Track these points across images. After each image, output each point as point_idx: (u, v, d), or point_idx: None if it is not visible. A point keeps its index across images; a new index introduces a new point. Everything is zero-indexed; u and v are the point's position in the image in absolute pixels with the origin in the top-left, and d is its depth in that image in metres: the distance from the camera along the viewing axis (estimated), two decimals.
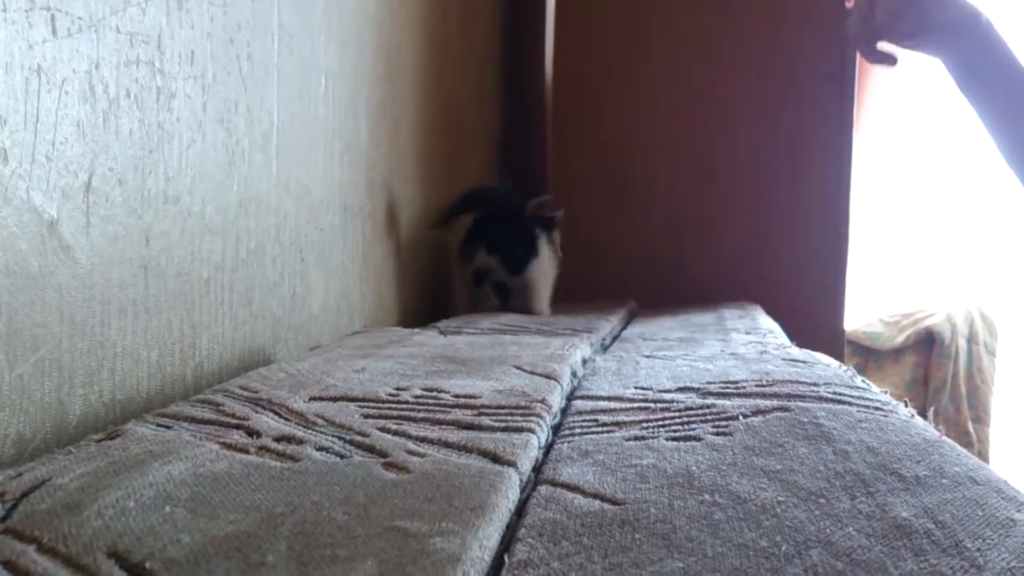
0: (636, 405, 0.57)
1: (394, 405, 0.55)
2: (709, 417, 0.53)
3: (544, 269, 1.29)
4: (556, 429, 0.54)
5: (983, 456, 2.67)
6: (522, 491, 0.41)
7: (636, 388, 0.63)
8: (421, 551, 0.31)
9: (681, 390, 0.62)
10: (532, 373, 0.67)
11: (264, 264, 0.80)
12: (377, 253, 1.12)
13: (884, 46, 0.99)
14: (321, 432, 0.48)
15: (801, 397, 0.57)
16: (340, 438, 0.47)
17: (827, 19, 1.74)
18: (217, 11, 0.70)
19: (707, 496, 0.38)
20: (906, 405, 0.57)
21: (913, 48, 0.98)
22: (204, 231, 0.69)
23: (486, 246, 1.24)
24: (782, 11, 1.76)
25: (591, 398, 0.61)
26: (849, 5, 1.01)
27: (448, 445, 0.46)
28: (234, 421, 0.50)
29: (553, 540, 0.34)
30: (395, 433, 0.48)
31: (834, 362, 0.74)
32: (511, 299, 1.26)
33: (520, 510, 0.38)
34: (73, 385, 0.54)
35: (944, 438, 0.48)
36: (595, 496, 0.39)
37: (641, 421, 0.53)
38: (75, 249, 0.53)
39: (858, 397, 0.57)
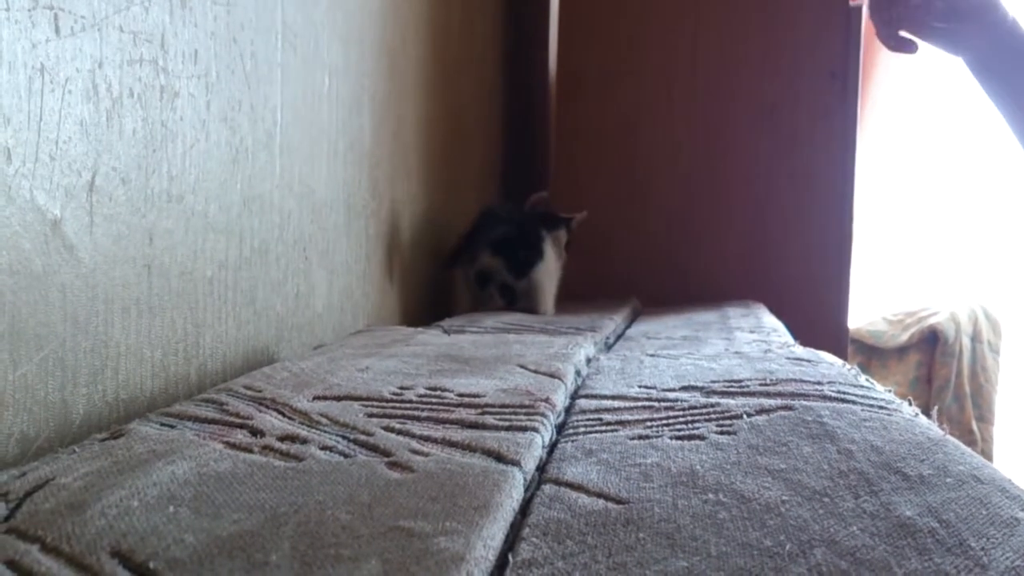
0: (640, 404, 0.57)
1: (398, 404, 0.55)
2: (713, 416, 0.53)
3: (549, 271, 1.28)
4: (560, 428, 0.54)
5: (987, 455, 2.67)
6: (526, 490, 0.41)
7: (640, 387, 0.63)
8: (425, 551, 0.31)
9: (685, 389, 0.62)
10: (536, 372, 0.67)
11: (268, 263, 0.80)
12: (380, 252, 1.12)
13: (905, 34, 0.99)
14: (325, 431, 0.48)
15: (805, 396, 0.57)
16: (344, 437, 0.47)
17: (830, 16, 1.74)
18: (220, 10, 0.70)
19: (711, 495, 0.38)
20: (910, 404, 0.57)
21: (936, 39, 0.97)
22: (208, 230, 0.69)
23: (490, 247, 1.23)
24: (785, 8, 1.76)
25: (595, 397, 0.61)
26: (853, 4, 1.01)
27: (452, 444, 0.46)
28: (238, 420, 0.50)
29: (557, 539, 0.34)
30: (399, 432, 0.48)
31: (838, 361, 0.74)
32: (516, 301, 1.26)
33: (524, 509, 0.38)
34: (77, 384, 0.54)
35: (948, 437, 0.48)
36: (599, 495, 0.39)
37: (645, 420, 0.53)
38: (78, 248, 0.53)
39: (862, 396, 0.57)
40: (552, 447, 0.49)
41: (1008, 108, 0.97)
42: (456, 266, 1.26)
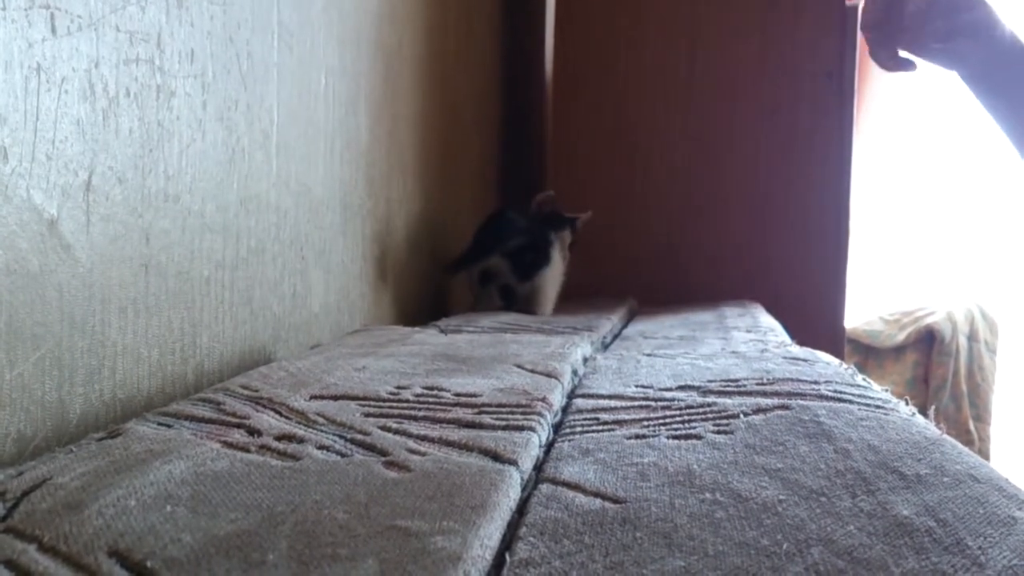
0: (637, 403, 0.57)
1: (395, 404, 0.55)
2: (710, 415, 0.53)
3: (554, 276, 1.28)
4: (557, 427, 0.54)
5: (984, 454, 2.67)
6: (523, 489, 0.41)
7: (637, 386, 0.63)
8: (422, 550, 0.31)
9: (682, 388, 0.62)
10: (533, 371, 0.67)
11: (264, 263, 0.80)
12: (377, 251, 1.12)
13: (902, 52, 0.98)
14: (322, 431, 0.48)
15: (802, 395, 0.57)
16: (341, 437, 0.47)
17: (826, 16, 1.74)
18: (217, 9, 0.70)
19: (708, 494, 0.38)
20: (907, 403, 0.57)
21: (934, 56, 0.96)
22: (204, 230, 0.69)
23: (500, 249, 1.22)
24: (781, 7, 1.76)
25: (592, 396, 0.61)
26: (849, 4, 1.00)
27: (449, 444, 0.46)
28: (235, 420, 0.50)
29: (554, 539, 0.34)
30: (396, 432, 0.48)
31: (835, 360, 0.74)
32: (514, 304, 1.25)
33: (521, 509, 0.38)
34: (74, 384, 0.54)
35: (945, 436, 0.48)
36: (596, 494, 0.39)
37: (642, 419, 0.53)
38: (75, 248, 0.53)
39: (859, 395, 0.57)
40: (549, 446, 0.49)
41: (1007, 120, 0.96)
42: (460, 271, 1.25)
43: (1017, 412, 2.92)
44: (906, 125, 3.13)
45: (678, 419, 0.53)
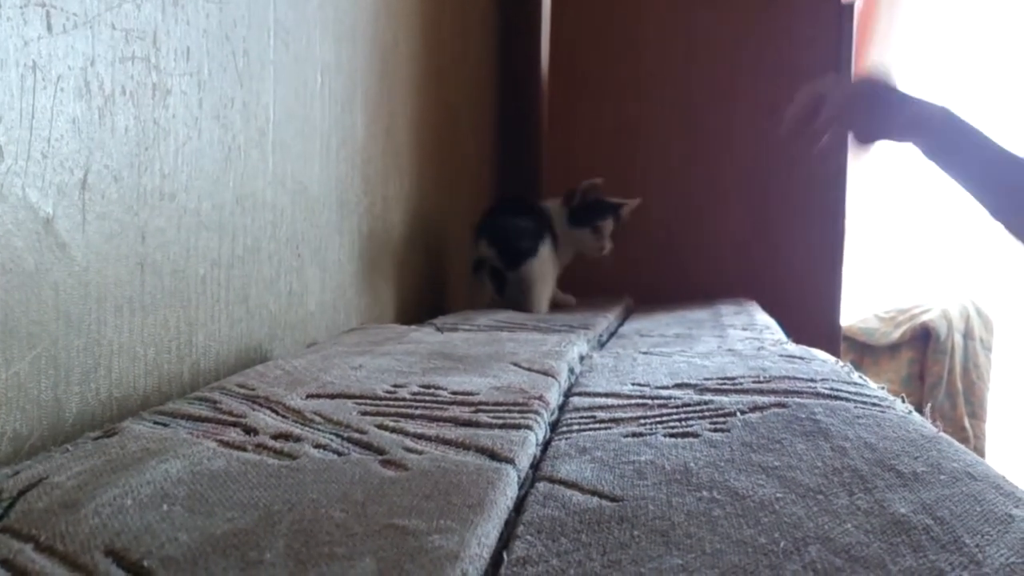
0: (634, 402, 0.57)
1: (391, 402, 0.55)
2: (707, 413, 0.53)
3: (542, 271, 1.29)
4: (554, 426, 0.54)
5: (979, 452, 2.68)
6: (520, 488, 0.41)
7: (633, 384, 0.63)
8: (419, 549, 0.31)
9: (678, 386, 0.62)
10: (530, 370, 0.67)
11: (260, 261, 0.80)
12: (373, 249, 1.12)
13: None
14: (319, 429, 0.48)
15: (798, 393, 0.57)
16: (338, 435, 0.47)
17: (824, 14, 1.74)
18: (213, 7, 0.69)
19: (705, 492, 0.38)
20: (903, 401, 0.57)
21: (885, 139, 1.00)
22: (200, 228, 0.69)
23: (488, 237, 1.26)
24: (778, 6, 1.76)
25: (589, 395, 0.61)
26: (845, 1, 1.01)
27: (446, 442, 0.46)
28: (231, 419, 0.50)
29: (552, 537, 0.34)
30: (393, 430, 0.48)
31: (831, 358, 0.74)
32: (506, 288, 1.27)
33: (518, 507, 0.38)
34: (70, 383, 0.54)
35: (941, 434, 0.48)
36: (593, 493, 0.39)
37: (639, 417, 0.53)
38: (71, 246, 0.53)
39: (855, 393, 0.57)
40: (546, 445, 0.49)
41: (966, 183, 1.00)
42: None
43: (1012, 409, 2.93)
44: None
45: (675, 417, 0.53)
